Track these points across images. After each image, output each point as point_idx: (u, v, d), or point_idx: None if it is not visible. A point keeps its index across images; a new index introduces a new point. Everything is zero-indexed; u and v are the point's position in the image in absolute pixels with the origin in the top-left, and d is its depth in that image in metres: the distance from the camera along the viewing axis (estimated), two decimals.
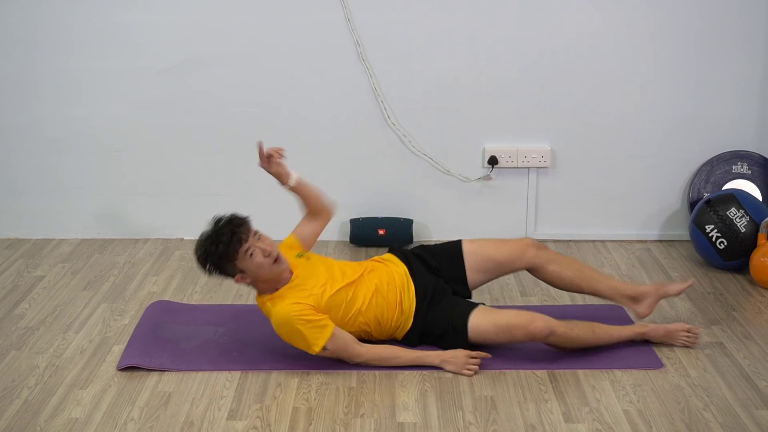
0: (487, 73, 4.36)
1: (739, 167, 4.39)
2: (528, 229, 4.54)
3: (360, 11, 4.27)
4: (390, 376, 3.17)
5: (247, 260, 3.16)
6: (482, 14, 4.29)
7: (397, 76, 4.36)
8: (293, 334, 3.15)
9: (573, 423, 2.89)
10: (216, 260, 3.18)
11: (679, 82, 4.37)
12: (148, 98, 4.41)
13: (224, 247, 3.14)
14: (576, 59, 4.34)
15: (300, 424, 2.90)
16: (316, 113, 4.42)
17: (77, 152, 4.49)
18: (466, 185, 4.51)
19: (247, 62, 4.35)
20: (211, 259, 3.18)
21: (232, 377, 3.18)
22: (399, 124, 4.42)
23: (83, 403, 3.02)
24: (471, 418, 2.92)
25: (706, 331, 3.52)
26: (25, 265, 4.25)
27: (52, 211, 4.58)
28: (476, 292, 3.57)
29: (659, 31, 4.31)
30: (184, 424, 2.90)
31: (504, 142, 4.46)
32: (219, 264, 3.19)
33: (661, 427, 2.87)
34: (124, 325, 3.60)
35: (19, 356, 3.35)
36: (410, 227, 4.46)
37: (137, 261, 4.31)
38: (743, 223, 4.02)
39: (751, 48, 4.31)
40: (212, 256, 3.17)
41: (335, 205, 3.56)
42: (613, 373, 3.19)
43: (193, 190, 4.54)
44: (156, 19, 4.30)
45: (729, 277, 4.06)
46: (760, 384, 3.11)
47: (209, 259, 3.18)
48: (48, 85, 4.40)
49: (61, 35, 4.32)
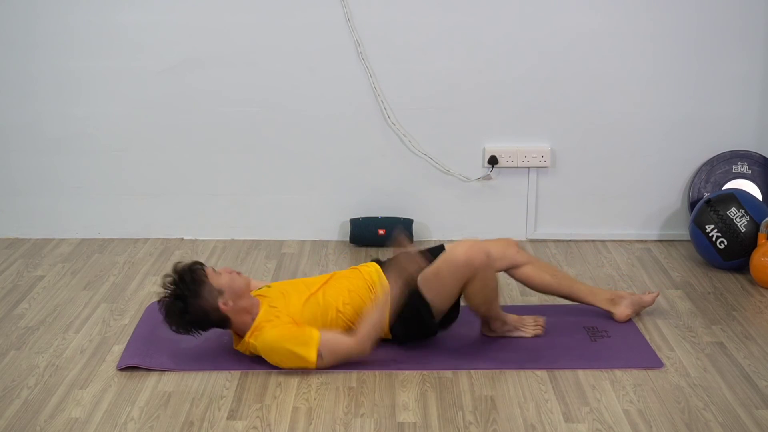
0: (487, 73, 4.36)
1: (740, 167, 4.39)
2: (528, 229, 4.54)
3: (360, 11, 4.27)
4: (390, 376, 3.17)
5: (217, 277, 3.15)
6: (482, 14, 4.29)
7: (398, 76, 4.36)
8: (284, 356, 3.14)
9: (573, 423, 2.89)
10: (190, 289, 3.10)
11: (679, 82, 4.37)
12: (148, 98, 4.41)
13: (190, 274, 3.12)
14: (576, 59, 4.34)
15: (300, 424, 2.90)
16: (316, 113, 4.42)
17: (77, 152, 4.49)
18: (467, 185, 4.51)
19: (247, 62, 4.35)
20: (185, 291, 3.10)
21: (232, 377, 3.18)
22: (399, 123, 4.42)
23: (83, 403, 3.02)
24: (471, 418, 2.92)
25: (706, 331, 3.52)
26: (25, 265, 4.25)
27: (52, 211, 4.58)
28: None
29: (659, 31, 4.31)
30: (184, 424, 2.90)
31: (504, 142, 4.46)
32: (196, 292, 3.10)
33: (661, 426, 2.86)
34: (124, 325, 3.60)
35: (19, 356, 3.35)
36: (410, 227, 4.46)
37: (137, 261, 4.31)
38: (743, 223, 4.02)
39: (751, 48, 4.31)
40: (184, 288, 3.10)
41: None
42: (613, 372, 3.19)
43: (193, 190, 4.54)
44: (156, 19, 4.30)
45: (729, 276, 4.06)
46: (761, 384, 3.11)
47: (185, 294, 3.09)
48: (48, 85, 4.40)
49: (61, 35, 4.32)
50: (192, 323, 3.17)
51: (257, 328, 3.18)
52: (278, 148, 4.47)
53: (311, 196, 4.53)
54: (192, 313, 3.13)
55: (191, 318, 3.14)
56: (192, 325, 3.17)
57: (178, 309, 3.12)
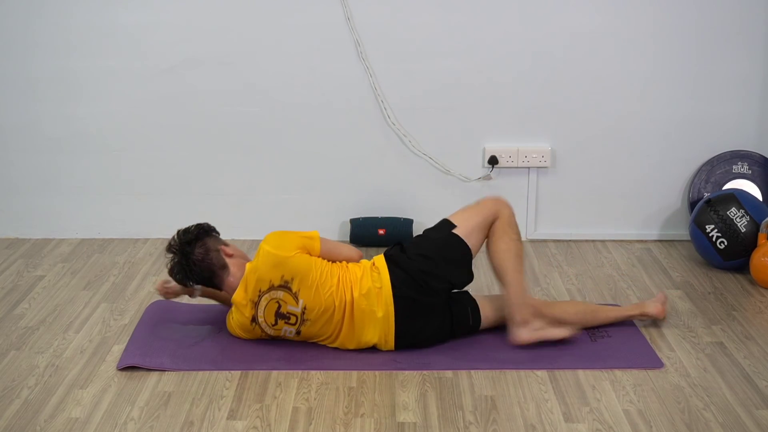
0: (487, 73, 4.36)
1: (740, 167, 4.39)
2: (528, 229, 4.54)
3: (360, 10, 4.27)
4: (390, 376, 3.17)
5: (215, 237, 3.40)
6: (482, 14, 4.29)
7: (397, 75, 4.36)
8: (288, 237, 3.31)
9: (573, 423, 2.89)
10: (202, 229, 3.36)
11: (679, 82, 4.37)
12: (148, 98, 4.41)
13: (204, 225, 3.40)
14: (576, 59, 4.34)
15: (300, 423, 2.90)
16: (315, 113, 4.42)
17: (77, 152, 4.49)
18: (467, 185, 4.51)
19: (247, 62, 4.35)
20: (196, 230, 3.35)
21: (232, 377, 3.18)
22: (399, 123, 4.42)
23: (83, 403, 3.02)
24: (471, 418, 2.92)
25: (706, 331, 3.52)
26: (24, 265, 4.25)
27: (52, 210, 4.58)
28: (475, 291, 3.58)
29: (659, 31, 4.31)
30: (184, 424, 2.90)
31: (504, 142, 4.46)
32: (206, 232, 3.36)
33: (661, 427, 2.86)
34: (124, 325, 3.60)
35: (18, 356, 3.35)
36: (410, 227, 4.46)
37: (137, 261, 4.31)
38: (743, 223, 4.02)
39: (752, 48, 4.31)
40: (197, 228, 3.36)
41: (359, 254, 3.50)
42: (613, 372, 3.19)
43: (193, 190, 4.54)
44: (156, 19, 4.30)
45: (729, 276, 4.06)
46: (761, 384, 3.11)
47: (196, 232, 3.34)
48: (48, 85, 4.40)
49: (61, 35, 4.32)
50: (195, 262, 3.30)
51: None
52: (278, 148, 4.47)
53: (311, 196, 4.53)
54: (197, 248, 3.31)
55: (196, 253, 3.30)
56: (194, 264, 3.30)
57: (185, 240, 3.32)
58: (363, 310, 3.24)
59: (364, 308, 3.24)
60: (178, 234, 3.36)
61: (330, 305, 3.24)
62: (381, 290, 3.25)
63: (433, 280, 3.30)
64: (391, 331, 3.27)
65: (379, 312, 3.24)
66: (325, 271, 3.27)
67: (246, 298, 3.28)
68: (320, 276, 3.24)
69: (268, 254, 3.25)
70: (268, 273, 3.23)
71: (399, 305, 3.26)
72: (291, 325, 3.28)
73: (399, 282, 3.27)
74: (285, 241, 3.29)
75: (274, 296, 3.24)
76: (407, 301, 3.27)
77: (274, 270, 3.23)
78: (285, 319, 3.27)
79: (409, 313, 3.28)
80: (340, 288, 3.25)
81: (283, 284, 3.22)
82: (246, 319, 3.31)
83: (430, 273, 3.30)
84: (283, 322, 3.27)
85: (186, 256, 3.31)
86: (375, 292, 3.25)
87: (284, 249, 3.25)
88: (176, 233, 3.36)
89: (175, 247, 3.33)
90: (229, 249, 3.37)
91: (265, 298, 3.25)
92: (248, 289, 3.26)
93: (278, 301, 3.24)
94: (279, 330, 3.30)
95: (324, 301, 3.23)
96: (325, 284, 3.24)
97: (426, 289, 3.29)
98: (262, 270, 3.24)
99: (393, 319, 3.26)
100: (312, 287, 3.22)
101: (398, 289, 3.26)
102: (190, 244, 3.32)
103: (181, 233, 3.36)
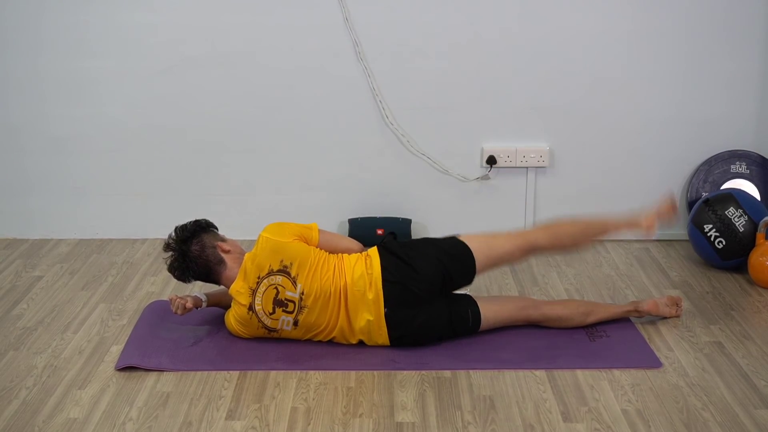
0: (485, 73, 4.36)
1: (738, 167, 4.39)
2: (526, 229, 4.54)
3: (358, 11, 4.26)
4: (389, 376, 3.18)
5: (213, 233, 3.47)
6: (480, 14, 4.29)
7: (396, 75, 4.36)
8: (287, 226, 3.41)
9: (572, 423, 2.89)
10: (200, 225, 3.43)
11: (677, 81, 4.37)
12: (148, 98, 4.41)
13: (203, 222, 3.47)
14: (574, 59, 4.34)
15: (298, 424, 2.90)
16: (314, 113, 4.42)
17: (76, 152, 4.49)
18: (465, 185, 4.51)
19: (247, 62, 4.35)
20: (194, 225, 3.42)
21: (230, 377, 3.18)
22: (397, 123, 4.42)
23: (81, 403, 3.02)
24: (470, 418, 2.92)
25: (704, 331, 3.52)
26: (23, 265, 4.24)
27: (50, 211, 4.57)
28: (475, 292, 3.57)
29: (658, 31, 4.31)
30: (182, 425, 2.90)
31: (502, 142, 4.46)
32: (204, 227, 3.44)
33: (660, 426, 2.87)
34: (123, 326, 3.60)
35: (17, 356, 3.35)
36: (409, 227, 4.46)
37: (135, 261, 4.31)
38: (742, 223, 4.02)
39: (750, 47, 4.31)
40: (195, 224, 3.44)
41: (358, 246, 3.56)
42: (611, 372, 3.19)
43: (193, 190, 4.54)
44: (156, 19, 4.30)
45: (727, 276, 4.06)
46: (759, 383, 3.12)
47: (194, 228, 3.42)
48: (48, 85, 4.40)
49: (62, 35, 4.32)
50: (191, 259, 3.36)
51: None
52: (277, 148, 4.47)
53: (310, 196, 4.53)
54: (193, 245, 3.37)
55: (192, 250, 3.36)
56: (191, 260, 3.36)
57: (182, 237, 3.39)
58: (355, 294, 3.29)
59: (356, 292, 3.29)
60: (175, 231, 3.42)
61: (327, 290, 3.28)
62: (372, 275, 3.31)
63: (422, 259, 3.34)
64: (381, 314, 3.28)
65: (370, 294, 3.28)
66: (322, 259, 3.34)
67: (245, 286, 3.32)
68: (317, 262, 3.32)
69: (267, 240, 3.33)
70: (267, 259, 3.30)
71: (387, 289, 3.29)
72: (288, 313, 3.29)
73: (390, 266, 3.32)
74: (283, 229, 3.39)
75: (272, 282, 3.28)
76: (397, 285, 3.29)
77: (273, 255, 3.30)
78: (283, 307, 3.29)
79: (400, 299, 3.29)
80: (336, 275, 3.31)
81: (282, 269, 3.28)
82: (243, 309, 3.32)
83: (415, 249, 3.39)
84: (280, 311, 3.29)
85: (183, 253, 3.37)
86: (366, 277, 3.30)
87: (282, 235, 3.34)
88: (173, 230, 3.42)
89: (172, 245, 3.39)
90: (226, 245, 3.43)
91: (264, 284, 3.28)
92: (247, 276, 3.31)
93: (276, 287, 3.28)
94: (276, 320, 3.31)
95: (321, 285, 3.28)
96: (322, 270, 3.31)
97: (416, 275, 3.30)
98: (261, 256, 3.31)
99: (382, 302, 3.27)
100: (310, 272, 3.29)
101: (388, 272, 3.31)
102: (186, 242, 3.38)
103: (178, 230, 3.42)
